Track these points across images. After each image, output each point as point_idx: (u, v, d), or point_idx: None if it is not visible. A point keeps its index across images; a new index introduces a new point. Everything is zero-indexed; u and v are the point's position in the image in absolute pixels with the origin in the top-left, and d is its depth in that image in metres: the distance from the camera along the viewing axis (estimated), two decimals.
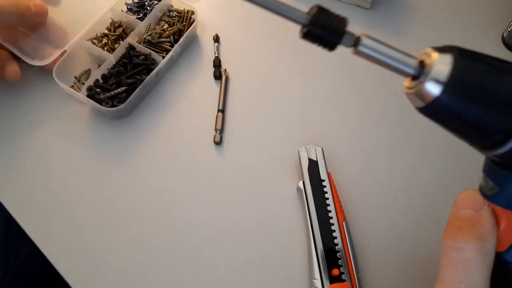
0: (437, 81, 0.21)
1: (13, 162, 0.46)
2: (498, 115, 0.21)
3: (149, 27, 0.52)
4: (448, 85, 0.21)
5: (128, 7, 0.55)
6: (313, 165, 0.44)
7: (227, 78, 0.51)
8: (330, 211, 0.41)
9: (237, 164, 0.46)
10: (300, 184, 0.43)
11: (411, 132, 0.48)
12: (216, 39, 0.53)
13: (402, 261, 0.42)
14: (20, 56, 0.46)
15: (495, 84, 0.21)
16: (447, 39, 0.53)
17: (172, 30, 0.52)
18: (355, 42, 0.22)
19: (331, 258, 0.40)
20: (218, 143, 0.47)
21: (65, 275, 0.41)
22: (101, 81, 0.48)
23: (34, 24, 0.47)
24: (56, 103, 0.49)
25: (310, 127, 0.48)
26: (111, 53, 0.49)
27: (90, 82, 0.48)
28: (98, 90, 0.47)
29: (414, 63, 0.22)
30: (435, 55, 0.22)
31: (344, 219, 0.41)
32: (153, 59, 0.49)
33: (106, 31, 0.52)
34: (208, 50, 0.53)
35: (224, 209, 0.44)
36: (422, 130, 0.48)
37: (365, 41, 0.22)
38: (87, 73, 0.50)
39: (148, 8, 0.54)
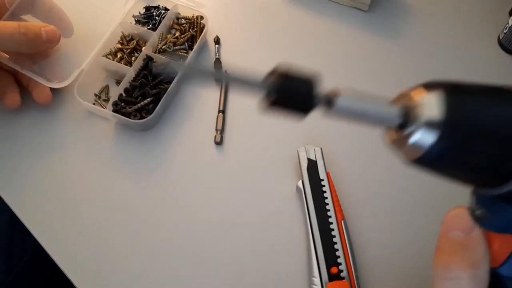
0: (430, 126, 0.18)
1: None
2: (502, 154, 0.18)
3: (161, 36, 0.52)
4: (444, 129, 0.18)
5: (136, 19, 0.54)
6: (312, 165, 0.44)
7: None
8: (329, 210, 0.42)
9: (238, 164, 0.47)
10: (300, 183, 0.44)
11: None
12: (217, 41, 0.54)
13: (400, 259, 0.42)
14: (39, 81, 0.45)
15: (497, 118, 0.18)
16: (444, 41, 0.54)
17: (186, 37, 0.52)
18: (329, 102, 0.19)
19: (330, 256, 0.40)
20: (219, 143, 0.47)
21: (69, 274, 0.41)
22: (124, 95, 0.48)
23: (47, 50, 0.47)
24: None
25: (309, 127, 0.48)
26: (130, 66, 0.49)
27: (114, 97, 0.47)
28: (123, 104, 0.47)
29: (396, 111, 0.19)
30: (421, 96, 0.18)
31: (343, 218, 0.42)
32: (173, 68, 0.49)
33: (119, 45, 0.52)
34: (210, 52, 0.53)
35: (225, 207, 0.45)
36: None
37: (342, 100, 0.19)
38: (106, 89, 0.51)
39: (157, 18, 0.54)
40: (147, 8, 0.55)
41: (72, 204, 0.45)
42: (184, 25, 0.54)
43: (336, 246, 0.40)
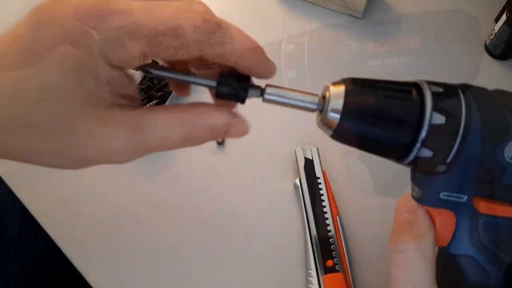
0: (334, 111, 0.23)
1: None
2: (393, 131, 0.23)
3: None
4: (344, 112, 0.23)
5: None
6: (309, 164, 0.45)
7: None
8: (324, 206, 0.43)
9: (239, 163, 0.48)
10: (297, 181, 0.45)
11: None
12: None
13: None
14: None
15: (384, 104, 0.23)
16: (434, 47, 0.55)
17: None
18: (261, 93, 0.25)
19: (326, 250, 0.41)
20: (221, 143, 0.49)
21: (80, 267, 0.42)
22: None
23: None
24: None
25: (306, 128, 0.49)
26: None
27: None
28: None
29: (316, 99, 0.25)
30: (331, 88, 0.24)
31: (338, 213, 0.43)
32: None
33: None
34: None
35: (225, 204, 0.46)
36: None
37: (269, 90, 0.25)
38: None
39: None
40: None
41: (83, 199, 0.45)
42: None
43: (331, 241, 0.42)
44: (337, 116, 0.24)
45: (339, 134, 0.24)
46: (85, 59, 0.22)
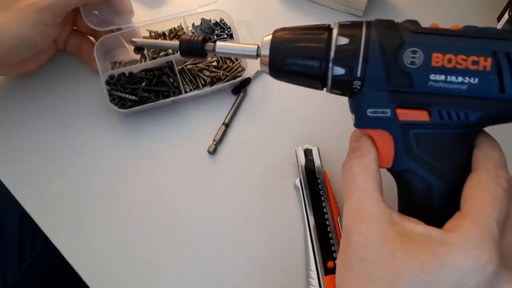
0: (265, 53, 0.31)
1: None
2: (310, 59, 0.29)
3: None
4: (270, 53, 0.30)
5: (199, 28, 0.53)
6: (309, 164, 0.45)
7: (244, 95, 0.50)
8: (325, 207, 0.43)
9: (239, 163, 0.48)
10: (297, 181, 0.45)
11: None
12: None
13: None
14: (82, 15, 0.46)
15: (301, 39, 0.30)
16: None
17: (213, 74, 0.50)
18: (213, 49, 0.33)
19: (326, 251, 0.41)
20: (212, 153, 0.48)
21: (77, 268, 0.42)
22: (126, 75, 0.48)
23: None
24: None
25: (307, 128, 0.49)
26: (149, 59, 0.49)
27: (117, 71, 0.48)
28: (121, 82, 0.48)
29: (254, 48, 0.32)
30: (264, 37, 0.31)
31: (339, 214, 0.43)
32: (177, 88, 0.48)
33: (167, 33, 0.52)
34: None
35: (225, 204, 0.45)
36: None
37: (218, 44, 0.33)
38: (116, 64, 0.51)
39: (215, 37, 0.52)
40: (215, 24, 0.53)
41: (80, 199, 0.45)
42: (225, 62, 0.51)
43: (332, 242, 0.41)
44: (266, 53, 0.30)
45: (272, 70, 0.31)
46: None
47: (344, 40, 0.28)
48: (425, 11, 0.58)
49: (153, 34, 0.53)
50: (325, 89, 0.31)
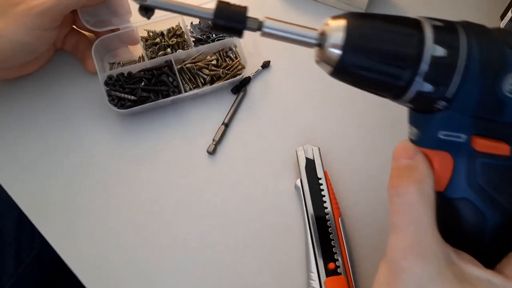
0: (335, 46, 0.23)
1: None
2: (394, 67, 0.23)
3: (200, 54, 0.50)
4: (345, 48, 0.23)
5: (198, 27, 0.53)
6: (310, 164, 0.45)
7: (244, 95, 0.50)
8: (326, 208, 0.42)
9: (239, 163, 0.47)
10: (298, 182, 0.44)
11: (407, 131, 0.49)
12: None
13: None
14: (79, 16, 0.46)
15: (386, 39, 0.23)
16: None
17: (213, 73, 0.49)
18: (259, 26, 0.24)
19: (327, 252, 0.41)
20: (211, 153, 0.47)
21: (74, 269, 0.42)
22: (125, 75, 0.48)
23: None
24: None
25: (307, 127, 0.49)
26: (148, 59, 0.49)
27: (116, 72, 0.48)
28: (120, 82, 0.47)
29: (315, 34, 0.24)
30: (331, 22, 0.24)
31: (340, 215, 0.42)
32: (177, 87, 0.48)
33: (165, 32, 0.51)
34: None
35: (224, 205, 0.45)
36: None
37: (267, 23, 0.24)
38: (114, 65, 0.51)
39: (214, 35, 0.52)
40: None
41: (79, 200, 0.45)
42: (225, 60, 0.51)
43: (333, 243, 0.41)
44: (338, 51, 0.23)
45: (339, 70, 0.24)
46: None
47: (440, 51, 0.23)
48: (426, 8, 0.57)
49: (151, 34, 0.52)
50: (392, 99, 0.26)
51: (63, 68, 0.51)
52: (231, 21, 0.24)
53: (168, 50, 0.51)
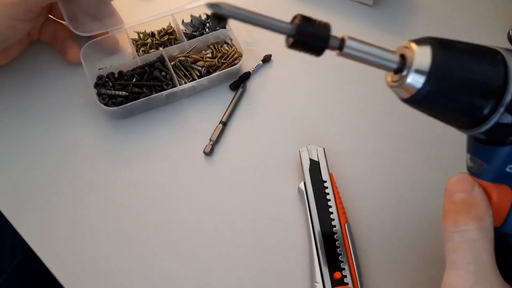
0: (419, 72, 0.23)
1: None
2: (478, 97, 0.23)
3: (193, 48, 0.50)
4: (430, 75, 0.22)
5: (190, 24, 0.53)
6: (314, 166, 0.44)
7: (243, 91, 0.50)
8: (332, 213, 0.42)
9: (238, 164, 0.47)
10: (301, 185, 0.43)
11: (415, 132, 0.48)
12: None
13: (405, 264, 0.41)
14: (66, 21, 0.46)
15: (473, 68, 0.23)
16: (450, 37, 0.53)
17: (208, 63, 0.49)
18: (340, 45, 0.23)
19: (333, 261, 0.40)
20: (208, 154, 0.47)
21: (59, 276, 0.41)
22: (116, 75, 0.48)
23: None
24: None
25: (312, 126, 0.48)
26: (140, 55, 0.49)
27: (105, 71, 0.47)
28: (111, 83, 0.47)
29: (396, 58, 0.23)
30: (415, 47, 0.23)
31: (346, 221, 0.41)
32: (171, 80, 0.48)
33: (156, 32, 0.52)
34: None
35: (224, 210, 0.44)
36: (427, 130, 0.47)
37: (349, 42, 0.23)
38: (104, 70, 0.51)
39: (207, 30, 0.52)
40: (206, 18, 0.53)
41: (62, 204, 0.44)
42: (220, 52, 0.50)
43: (339, 251, 0.40)
44: (421, 78, 0.23)
45: (418, 97, 0.23)
46: None
47: None
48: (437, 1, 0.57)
49: (141, 35, 0.52)
50: (464, 128, 0.26)
51: (42, 60, 0.51)
52: (314, 39, 0.23)
53: (161, 48, 0.50)
